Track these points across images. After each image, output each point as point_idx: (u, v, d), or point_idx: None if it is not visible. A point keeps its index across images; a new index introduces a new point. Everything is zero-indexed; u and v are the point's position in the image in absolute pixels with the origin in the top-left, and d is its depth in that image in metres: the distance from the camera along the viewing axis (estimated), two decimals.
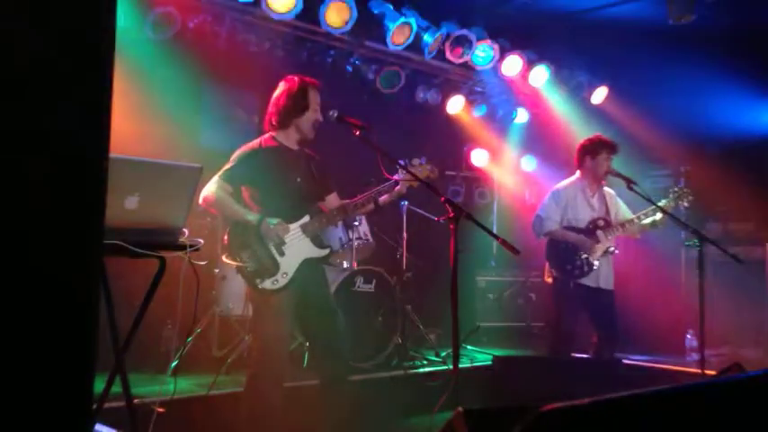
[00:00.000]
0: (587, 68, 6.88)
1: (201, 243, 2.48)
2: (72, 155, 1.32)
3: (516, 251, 2.79)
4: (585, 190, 4.77)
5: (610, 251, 4.67)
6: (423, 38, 5.85)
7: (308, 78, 3.40)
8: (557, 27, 6.16)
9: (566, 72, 6.82)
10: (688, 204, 4.66)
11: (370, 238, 5.40)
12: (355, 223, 5.12)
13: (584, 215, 4.72)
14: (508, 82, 6.75)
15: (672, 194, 4.63)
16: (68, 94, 1.32)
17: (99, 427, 2.58)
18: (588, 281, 4.64)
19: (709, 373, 4.18)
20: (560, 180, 4.95)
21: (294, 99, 3.32)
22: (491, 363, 4.73)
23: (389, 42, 5.62)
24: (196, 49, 5.12)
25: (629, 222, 4.66)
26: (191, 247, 2.45)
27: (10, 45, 1.25)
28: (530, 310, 6.91)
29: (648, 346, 5.81)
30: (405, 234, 5.63)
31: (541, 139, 7.42)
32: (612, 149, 4.68)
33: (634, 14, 5.87)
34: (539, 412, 0.92)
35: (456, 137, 7.28)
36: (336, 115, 3.29)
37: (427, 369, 5.16)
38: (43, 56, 1.29)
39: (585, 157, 4.74)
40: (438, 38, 5.85)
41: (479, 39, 6.09)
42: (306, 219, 3.34)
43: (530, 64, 6.53)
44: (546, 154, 7.45)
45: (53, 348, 1.28)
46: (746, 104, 6.17)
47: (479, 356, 5.81)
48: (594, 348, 4.78)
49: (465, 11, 5.99)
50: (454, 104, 6.93)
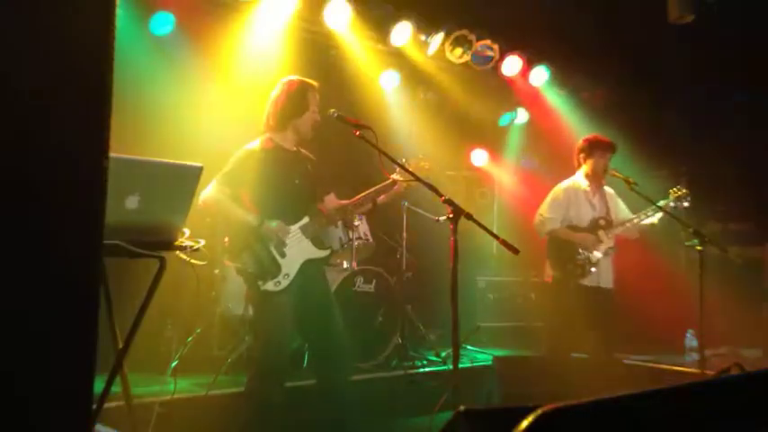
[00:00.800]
0: (587, 69, 6.88)
1: (201, 243, 2.48)
2: (72, 155, 1.32)
3: (516, 251, 2.79)
4: (586, 189, 4.76)
5: (611, 251, 4.67)
6: (423, 38, 5.86)
7: (307, 80, 3.40)
8: (556, 27, 6.15)
9: (565, 72, 6.82)
10: (688, 205, 4.66)
11: (370, 238, 5.40)
12: (355, 223, 5.12)
13: (586, 214, 4.72)
14: (508, 82, 6.75)
15: (671, 195, 4.63)
16: (68, 93, 1.32)
17: (99, 427, 2.58)
18: (588, 280, 4.63)
19: (709, 373, 4.17)
20: (560, 180, 4.95)
21: (293, 100, 3.31)
22: (491, 363, 4.74)
23: (389, 42, 5.62)
24: (196, 49, 5.12)
25: (629, 222, 4.66)
26: (191, 247, 2.45)
27: (9, 45, 1.25)
28: (530, 310, 6.91)
29: (648, 346, 5.80)
30: (405, 234, 5.63)
31: (541, 139, 7.42)
32: (610, 148, 4.68)
33: (634, 15, 5.87)
34: (539, 412, 0.92)
35: (456, 137, 7.28)
36: (336, 115, 3.29)
37: (427, 369, 5.16)
38: (43, 56, 1.29)
39: (584, 156, 4.75)
40: (438, 38, 5.85)
41: (479, 39, 6.09)
42: (305, 220, 3.34)
43: (530, 64, 6.54)
44: (546, 154, 7.44)
45: (53, 348, 1.28)
46: (747, 104, 6.18)
47: (479, 356, 5.81)
48: (593, 348, 4.78)
49: (465, 11, 5.98)
50: (454, 103, 6.93)
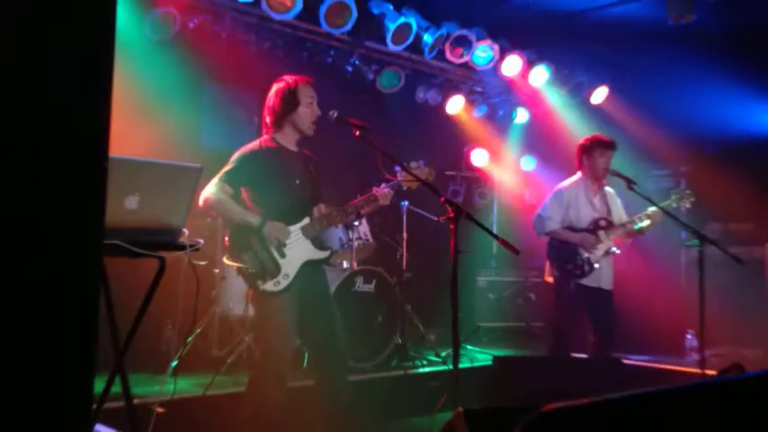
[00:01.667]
0: (587, 68, 6.88)
1: (201, 243, 2.48)
2: (72, 155, 1.32)
3: (516, 251, 2.79)
4: (587, 190, 4.76)
5: (611, 251, 4.67)
6: (423, 38, 5.85)
7: (297, 76, 3.41)
8: (557, 27, 6.15)
9: (566, 72, 6.82)
10: (690, 205, 4.65)
11: (370, 238, 5.40)
12: (355, 223, 5.12)
13: (586, 215, 4.71)
14: (508, 82, 6.75)
15: (674, 196, 4.62)
16: (68, 94, 1.32)
17: (99, 427, 2.58)
18: (589, 281, 4.63)
19: (709, 373, 4.17)
20: (560, 180, 4.95)
21: (284, 98, 3.32)
22: (491, 363, 4.73)
23: (389, 42, 5.62)
24: (196, 49, 5.12)
25: (630, 223, 4.66)
26: (191, 247, 2.45)
27: (9, 45, 1.25)
28: (530, 310, 6.91)
29: (648, 346, 5.80)
30: (405, 234, 5.63)
31: (541, 139, 7.42)
32: (610, 147, 4.67)
33: (634, 14, 5.87)
34: (539, 412, 0.92)
35: (456, 137, 7.28)
36: (336, 115, 3.29)
37: (427, 369, 5.16)
38: (43, 56, 1.29)
39: (584, 156, 4.74)
40: (438, 38, 5.85)
41: (479, 39, 6.09)
42: (306, 221, 3.33)
43: (530, 64, 6.54)
44: (546, 154, 7.45)
45: (53, 348, 1.28)
46: (746, 104, 6.17)
47: (479, 356, 5.81)
48: (593, 348, 4.78)
49: (465, 11, 5.98)
50: (454, 104, 6.93)
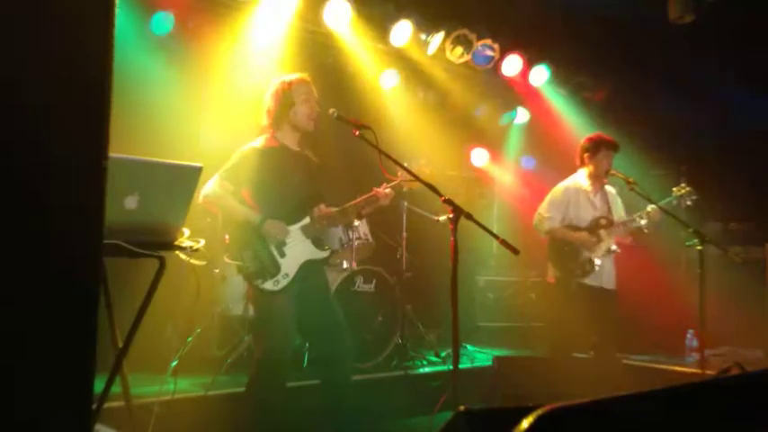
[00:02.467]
0: (587, 68, 6.88)
1: (201, 243, 2.48)
2: (72, 155, 1.32)
3: (516, 251, 2.79)
4: (588, 189, 4.75)
5: (612, 250, 4.66)
6: (423, 38, 5.85)
7: (294, 74, 3.42)
8: (557, 27, 6.15)
9: (566, 72, 6.82)
10: (691, 203, 4.64)
11: (369, 238, 5.40)
12: (355, 223, 5.12)
13: (587, 214, 4.71)
14: (508, 82, 6.75)
15: (675, 192, 4.61)
16: (68, 94, 1.32)
17: (99, 427, 2.58)
18: (591, 280, 4.62)
19: (709, 373, 4.17)
20: (560, 180, 4.94)
21: (279, 98, 3.34)
22: (491, 363, 4.73)
23: (389, 42, 5.62)
24: (196, 49, 5.11)
25: (630, 222, 4.65)
26: (191, 247, 2.45)
27: (10, 45, 1.25)
28: (530, 310, 6.90)
29: (648, 346, 5.80)
30: (405, 234, 5.63)
31: (541, 139, 7.41)
32: (613, 147, 4.66)
33: (634, 14, 5.87)
34: (539, 412, 0.92)
35: (456, 137, 7.27)
36: (336, 115, 3.29)
37: (427, 369, 5.16)
38: (43, 56, 1.29)
39: (586, 155, 4.73)
40: (438, 38, 5.85)
41: (479, 39, 6.09)
42: (306, 220, 3.33)
43: (530, 64, 6.53)
44: (546, 154, 7.44)
45: (53, 348, 1.28)
46: (746, 104, 6.17)
47: (479, 356, 5.81)
48: (595, 348, 4.78)
49: (465, 11, 5.98)
50: (453, 104, 6.93)
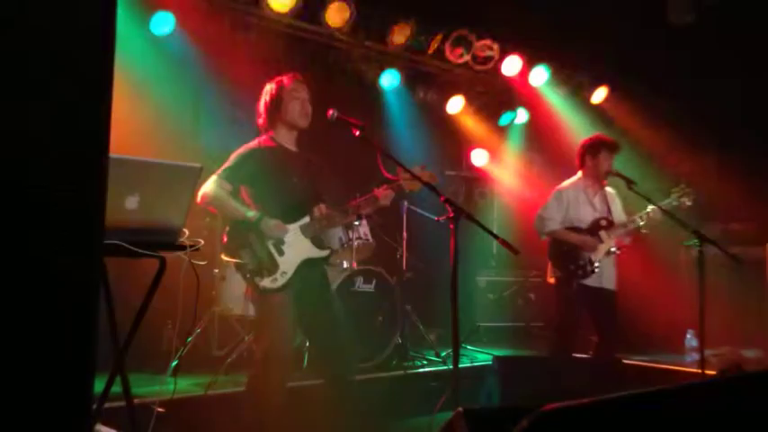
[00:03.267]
0: (587, 68, 6.88)
1: (201, 243, 2.48)
2: (72, 155, 1.32)
3: (516, 251, 2.79)
4: (587, 190, 4.75)
5: (612, 251, 4.66)
6: (423, 38, 5.86)
7: (283, 75, 3.44)
8: (557, 27, 6.15)
9: (566, 72, 6.82)
10: (691, 203, 4.64)
11: (370, 238, 5.40)
12: (355, 223, 5.12)
13: (587, 215, 4.70)
14: (508, 82, 6.75)
15: (675, 192, 4.60)
16: (68, 94, 1.31)
17: (99, 427, 2.58)
18: (591, 281, 4.62)
19: (709, 373, 4.17)
20: (560, 180, 4.94)
21: (269, 98, 3.37)
22: (491, 363, 4.73)
23: (390, 42, 5.62)
24: (196, 49, 5.12)
25: (630, 223, 4.65)
26: (191, 247, 2.45)
27: (10, 45, 1.25)
28: (530, 310, 6.91)
29: (648, 346, 5.80)
30: (405, 234, 5.63)
31: (541, 139, 7.41)
32: (614, 149, 4.66)
33: (634, 14, 5.87)
34: (539, 412, 0.92)
35: (456, 137, 7.28)
36: (336, 115, 3.29)
37: (427, 369, 5.16)
38: (43, 56, 1.29)
39: (587, 156, 4.73)
40: (438, 38, 5.85)
41: (479, 39, 6.09)
42: (305, 220, 3.34)
43: (530, 64, 6.53)
44: (546, 154, 7.44)
45: (53, 348, 1.28)
46: (746, 104, 6.17)
47: (479, 356, 5.80)
48: (595, 348, 4.77)
49: (465, 11, 5.98)
50: (454, 104, 6.93)
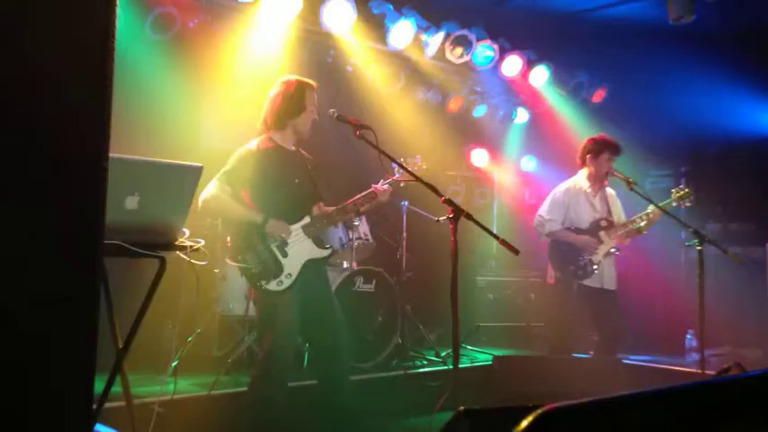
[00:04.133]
0: (587, 68, 6.88)
1: (201, 243, 2.48)
2: (72, 155, 1.32)
3: (516, 251, 2.79)
4: (588, 190, 4.75)
5: (612, 252, 4.66)
6: (423, 38, 5.85)
7: (305, 80, 3.40)
8: (557, 27, 6.15)
9: (566, 72, 6.82)
10: (691, 203, 4.65)
11: (370, 238, 5.40)
12: (355, 223, 5.12)
13: (587, 216, 4.70)
14: (508, 82, 6.75)
15: (674, 195, 4.61)
16: (68, 94, 1.32)
17: (99, 427, 2.58)
18: (591, 281, 4.62)
19: (709, 373, 4.18)
20: (560, 180, 4.94)
21: (290, 101, 3.32)
22: (491, 363, 4.74)
23: (389, 42, 5.62)
24: (196, 49, 5.11)
25: (630, 223, 4.65)
26: (191, 247, 2.45)
27: (10, 45, 1.25)
28: (530, 310, 6.90)
29: (648, 346, 5.80)
30: (405, 234, 5.63)
31: (541, 139, 7.42)
32: (615, 150, 4.66)
33: (634, 14, 5.87)
34: (539, 412, 0.92)
35: (456, 137, 7.28)
36: (336, 115, 3.29)
37: (427, 369, 5.16)
38: (44, 57, 1.29)
39: (588, 156, 4.72)
40: (438, 38, 5.85)
41: (479, 39, 6.09)
42: (306, 220, 3.34)
43: (530, 64, 6.54)
44: (546, 154, 7.45)
45: (53, 348, 1.28)
46: (746, 104, 6.17)
47: (479, 356, 5.80)
48: (595, 348, 4.78)
49: (465, 11, 5.98)
50: (454, 104, 6.93)
